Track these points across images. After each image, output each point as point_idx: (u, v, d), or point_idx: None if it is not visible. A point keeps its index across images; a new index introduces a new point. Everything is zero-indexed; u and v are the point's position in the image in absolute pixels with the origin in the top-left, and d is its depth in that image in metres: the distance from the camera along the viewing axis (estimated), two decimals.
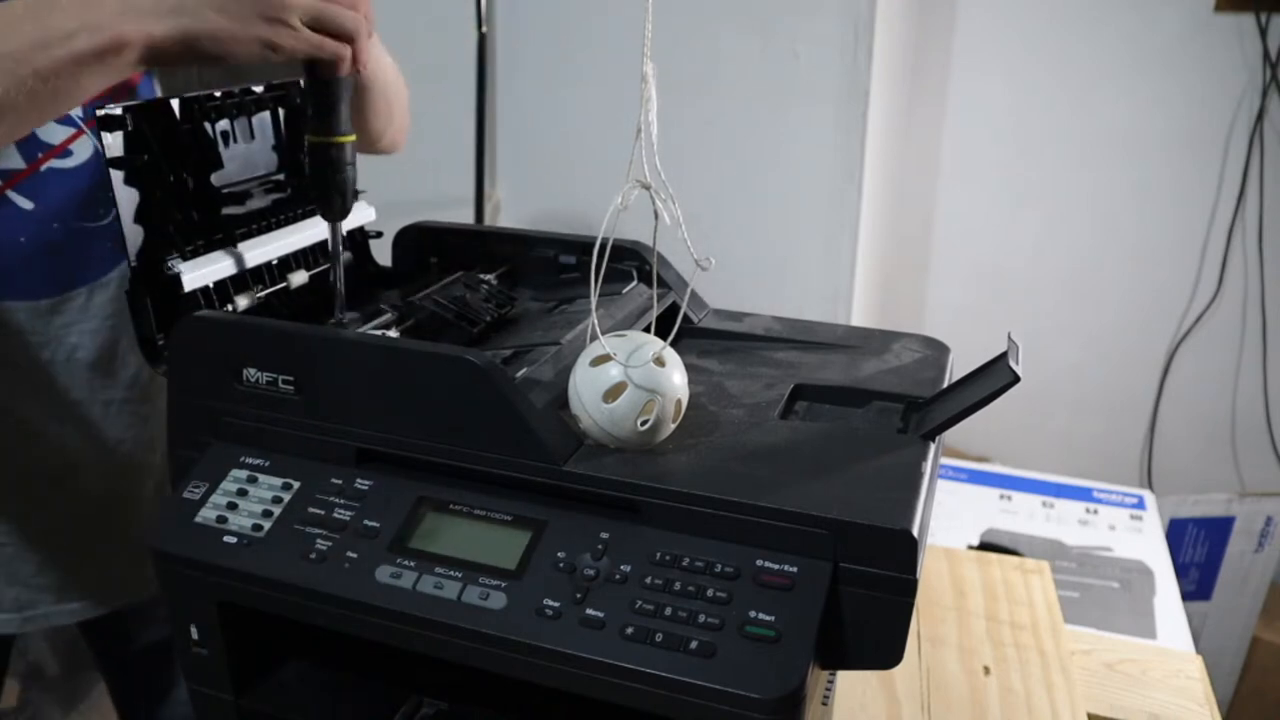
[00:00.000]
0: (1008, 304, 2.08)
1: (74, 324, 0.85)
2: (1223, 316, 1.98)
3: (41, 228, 0.81)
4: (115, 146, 0.68)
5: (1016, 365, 0.56)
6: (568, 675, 0.53)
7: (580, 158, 1.76)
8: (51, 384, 0.86)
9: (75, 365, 0.86)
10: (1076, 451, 2.11)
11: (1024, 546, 1.49)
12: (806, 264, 1.71)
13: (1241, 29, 1.81)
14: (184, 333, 0.66)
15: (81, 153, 0.82)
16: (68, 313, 0.85)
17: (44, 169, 0.80)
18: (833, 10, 1.55)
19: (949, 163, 2.04)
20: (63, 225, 0.82)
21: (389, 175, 1.00)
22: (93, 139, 0.82)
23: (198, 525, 0.62)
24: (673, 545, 0.55)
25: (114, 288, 0.86)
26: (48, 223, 0.81)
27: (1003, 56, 1.94)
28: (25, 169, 0.79)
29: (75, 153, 0.81)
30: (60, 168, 0.81)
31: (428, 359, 0.60)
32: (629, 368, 0.58)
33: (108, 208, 0.83)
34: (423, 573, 0.57)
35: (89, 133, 0.82)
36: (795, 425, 0.65)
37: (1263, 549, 1.89)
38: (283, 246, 0.78)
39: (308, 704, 0.67)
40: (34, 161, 0.79)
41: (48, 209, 0.81)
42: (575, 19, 1.71)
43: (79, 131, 0.81)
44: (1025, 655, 0.98)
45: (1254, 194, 1.89)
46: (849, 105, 1.59)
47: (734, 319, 0.81)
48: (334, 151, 0.70)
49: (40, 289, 0.83)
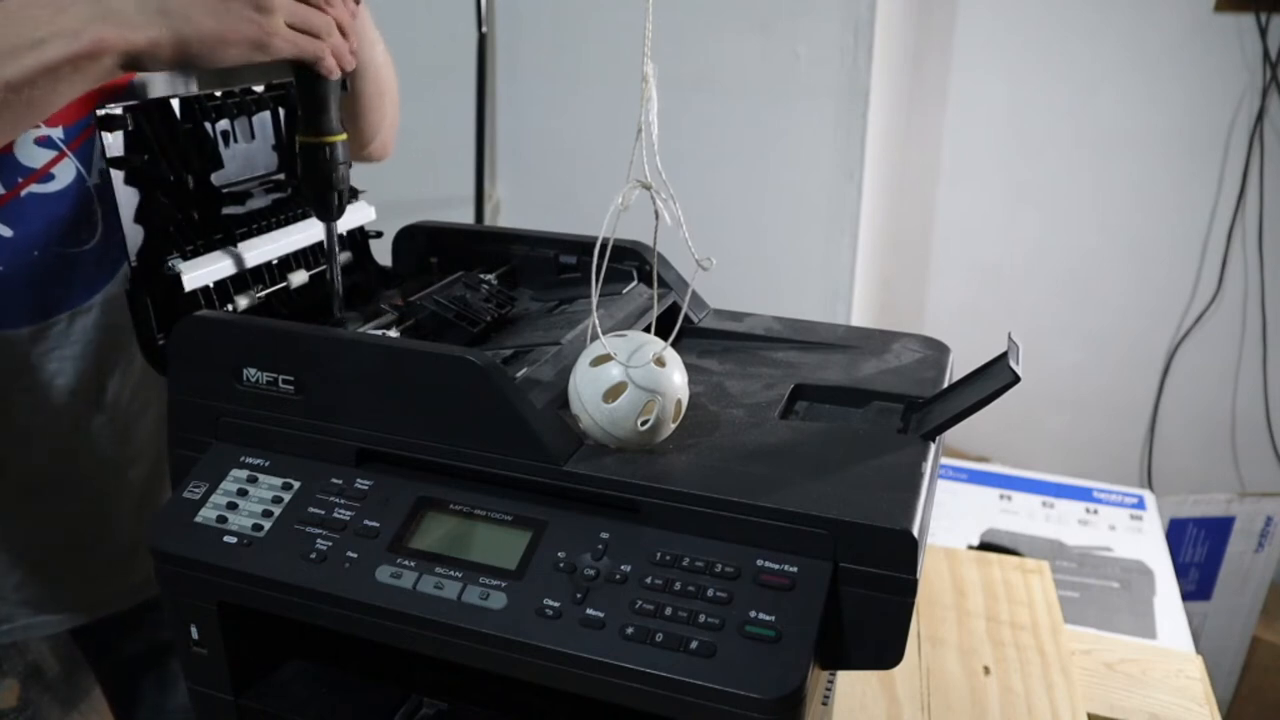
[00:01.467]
0: (1008, 304, 2.08)
1: (54, 350, 0.82)
2: (1223, 316, 1.98)
3: (21, 256, 0.77)
4: (115, 146, 0.68)
5: (1016, 365, 0.56)
6: (568, 675, 0.53)
7: (580, 158, 1.76)
8: (32, 409, 0.83)
9: (56, 390, 0.83)
10: (1076, 451, 2.11)
11: (1024, 546, 1.49)
12: (806, 264, 1.71)
13: (1241, 29, 1.81)
14: (184, 333, 0.66)
15: (63, 177, 0.78)
16: (49, 339, 0.82)
17: (24, 194, 0.76)
18: (833, 10, 1.55)
19: (949, 163, 2.04)
20: (43, 252, 0.78)
21: (389, 175, 1.00)
22: (75, 162, 0.79)
23: (198, 525, 0.62)
24: (673, 545, 0.55)
25: (96, 313, 0.83)
26: (28, 250, 0.77)
27: (1003, 56, 1.94)
28: (4, 194, 0.75)
29: (57, 177, 0.78)
30: (41, 193, 0.77)
31: (428, 359, 0.60)
32: (629, 368, 0.58)
33: (90, 233, 0.80)
34: (423, 573, 0.57)
35: (71, 156, 0.78)
36: (795, 425, 0.65)
37: (1263, 549, 1.89)
38: (283, 246, 0.78)
39: (307, 704, 0.67)
40: (13, 187, 0.76)
41: (28, 236, 0.77)
42: (575, 19, 1.71)
43: (61, 155, 0.78)
44: (1025, 655, 0.98)
45: (1254, 194, 1.89)
46: (849, 105, 1.59)
47: (734, 319, 0.81)
48: (325, 151, 0.70)
49: (20, 318, 0.79)
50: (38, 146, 0.77)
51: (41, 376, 0.83)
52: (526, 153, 1.83)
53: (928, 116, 2.01)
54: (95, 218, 0.80)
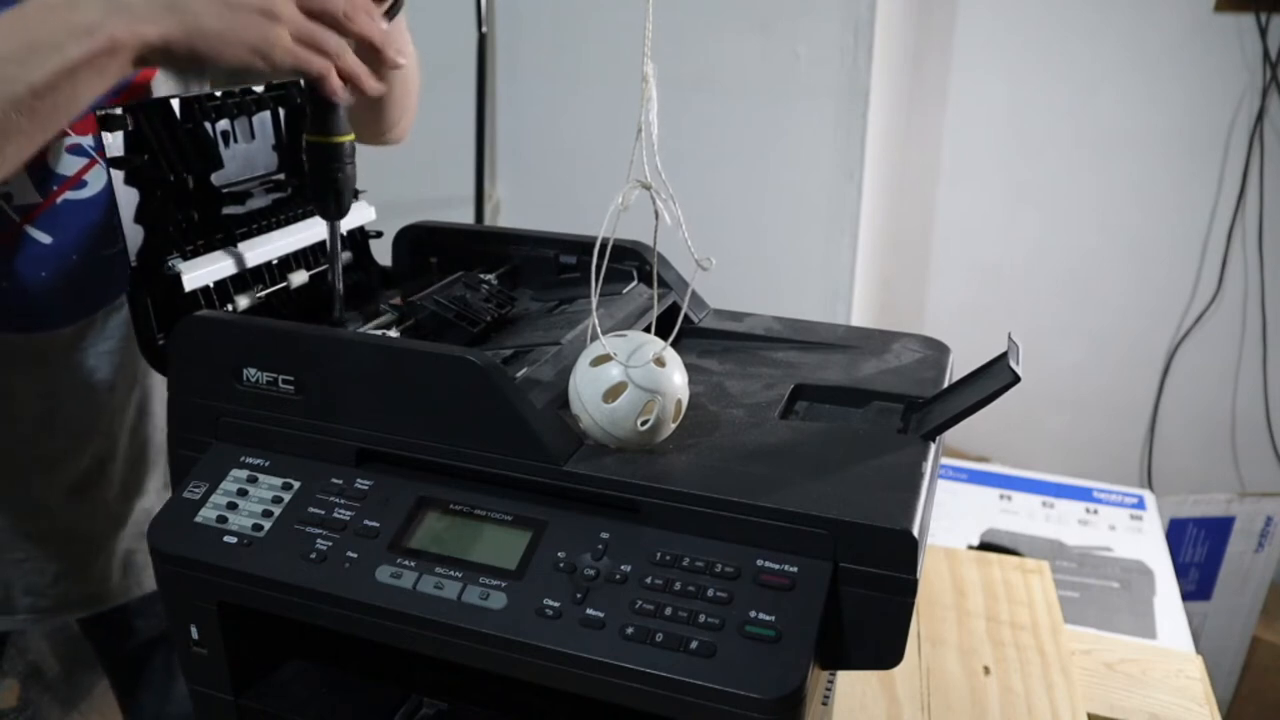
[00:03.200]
0: (1008, 304, 2.08)
1: (90, 347, 0.85)
2: (1223, 316, 1.98)
3: (61, 261, 0.80)
4: (115, 146, 0.68)
5: (1016, 365, 0.56)
6: (568, 675, 0.53)
7: (580, 158, 1.76)
8: (70, 406, 0.86)
9: (94, 386, 0.86)
10: (1076, 451, 2.11)
11: (1024, 546, 1.49)
12: (806, 264, 1.71)
13: (1241, 29, 1.81)
14: (184, 333, 0.66)
15: (96, 183, 0.80)
16: (87, 337, 0.84)
17: (60, 201, 0.79)
18: (833, 10, 1.55)
19: (949, 163, 2.04)
20: (81, 256, 0.81)
21: (389, 175, 1.00)
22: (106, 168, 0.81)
23: (198, 525, 0.62)
24: (673, 545, 0.55)
25: (127, 309, 0.85)
26: (67, 255, 0.80)
27: (1003, 56, 1.94)
28: (42, 203, 0.78)
29: (90, 183, 0.80)
30: (76, 199, 0.79)
31: (428, 359, 0.60)
32: (629, 368, 0.58)
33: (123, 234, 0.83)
34: (423, 573, 0.57)
35: (102, 162, 0.80)
36: (795, 425, 0.65)
37: (1263, 549, 1.89)
38: (283, 246, 0.78)
39: (307, 704, 0.67)
40: (50, 195, 0.78)
41: (66, 241, 0.80)
42: (575, 19, 1.71)
43: (92, 161, 0.80)
44: (1025, 655, 0.98)
45: (1254, 194, 1.89)
46: (849, 105, 1.59)
47: (734, 319, 0.81)
48: (332, 151, 0.70)
49: (62, 319, 0.82)
50: (70, 155, 0.78)
51: (81, 373, 0.85)
52: (526, 153, 1.83)
53: (928, 116, 2.01)
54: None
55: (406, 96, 0.92)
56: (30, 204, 0.78)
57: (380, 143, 0.94)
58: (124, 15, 0.60)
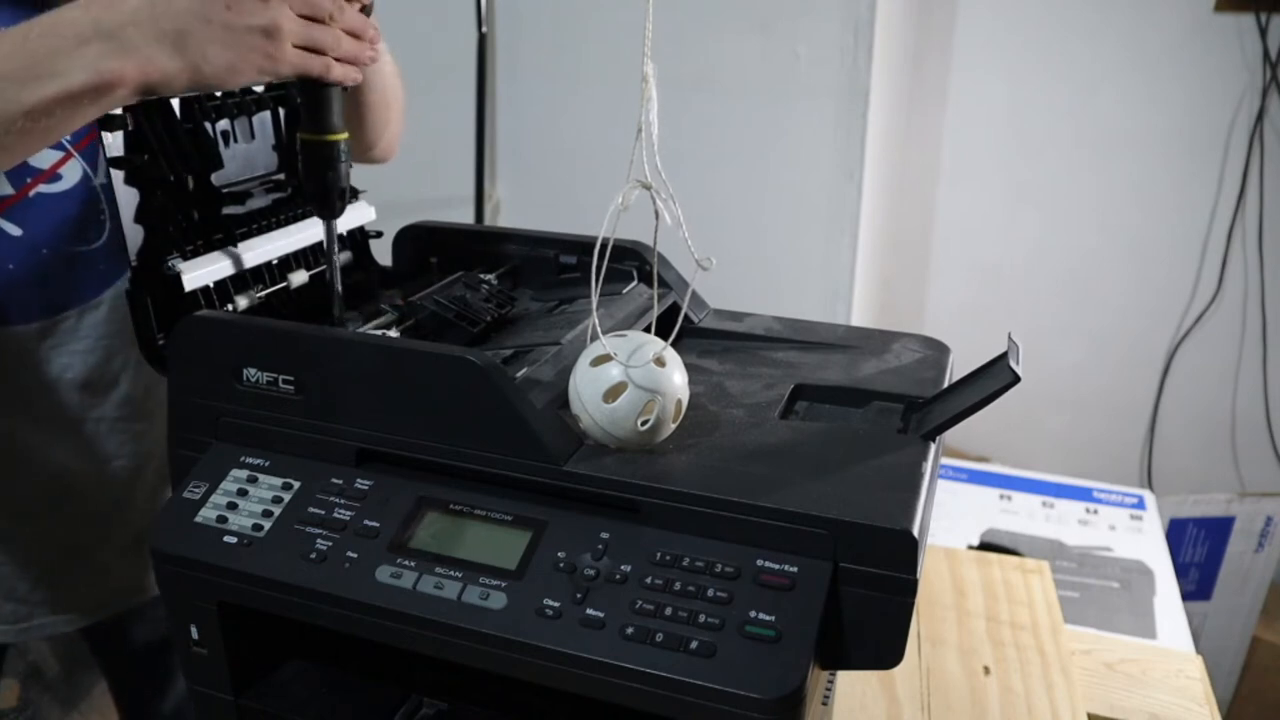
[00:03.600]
0: (1008, 304, 2.08)
1: (63, 345, 0.84)
2: (1223, 316, 1.98)
3: (30, 254, 0.79)
4: (115, 146, 0.68)
5: (1016, 365, 0.56)
6: (568, 675, 0.53)
7: (580, 158, 1.76)
8: (42, 404, 0.85)
9: (65, 385, 0.85)
10: (1076, 451, 2.11)
11: (1024, 546, 1.49)
12: (806, 264, 1.71)
13: (1241, 29, 1.81)
14: (184, 333, 0.66)
15: (71, 176, 0.80)
16: (57, 335, 0.83)
17: (32, 194, 0.78)
18: (833, 10, 1.55)
19: (949, 163, 2.04)
20: (52, 251, 0.80)
21: (389, 175, 1.00)
22: (81, 162, 0.80)
23: (198, 525, 0.62)
24: (673, 545, 0.55)
25: (105, 309, 0.85)
26: (37, 249, 0.80)
27: (1003, 56, 1.94)
28: (13, 195, 0.77)
29: (64, 177, 0.79)
30: (49, 192, 0.79)
31: (428, 359, 0.60)
32: (629, 368, 0.58)
33: (99, 231, 0.82)
34: (423, 573, 0.57)
35: (77, 156, 0.80)
36: (795, 425, 0.65)
37: (1263, 549, 1.89)
38: (283, 246, 0.78)
39: (307, 704, 0.67)
40: (22, 187, 0.78)
41: (37, 235, 0.79)
42: (575, 19, 1.71)
43: (68, 155, 0.79)
44: (1025, 655, 0.98)
45: (1254, 194, 1.89)
46: (849, 105, 1.59)
47: (734, 319, 0.81)
48: (327, 149, 0.70)
49: (30, 314, 0.81)
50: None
51: (51, 371, 0.84)
52: (526, 153, 1.83)
53: (928, 116, 2.01)
54: (103, 217, 0.81)
55: (386, 110, 0.90)
56: (0, 195, 0.77)
57: (364, 160, 0.93)
58: (133, 55, 0.59)
